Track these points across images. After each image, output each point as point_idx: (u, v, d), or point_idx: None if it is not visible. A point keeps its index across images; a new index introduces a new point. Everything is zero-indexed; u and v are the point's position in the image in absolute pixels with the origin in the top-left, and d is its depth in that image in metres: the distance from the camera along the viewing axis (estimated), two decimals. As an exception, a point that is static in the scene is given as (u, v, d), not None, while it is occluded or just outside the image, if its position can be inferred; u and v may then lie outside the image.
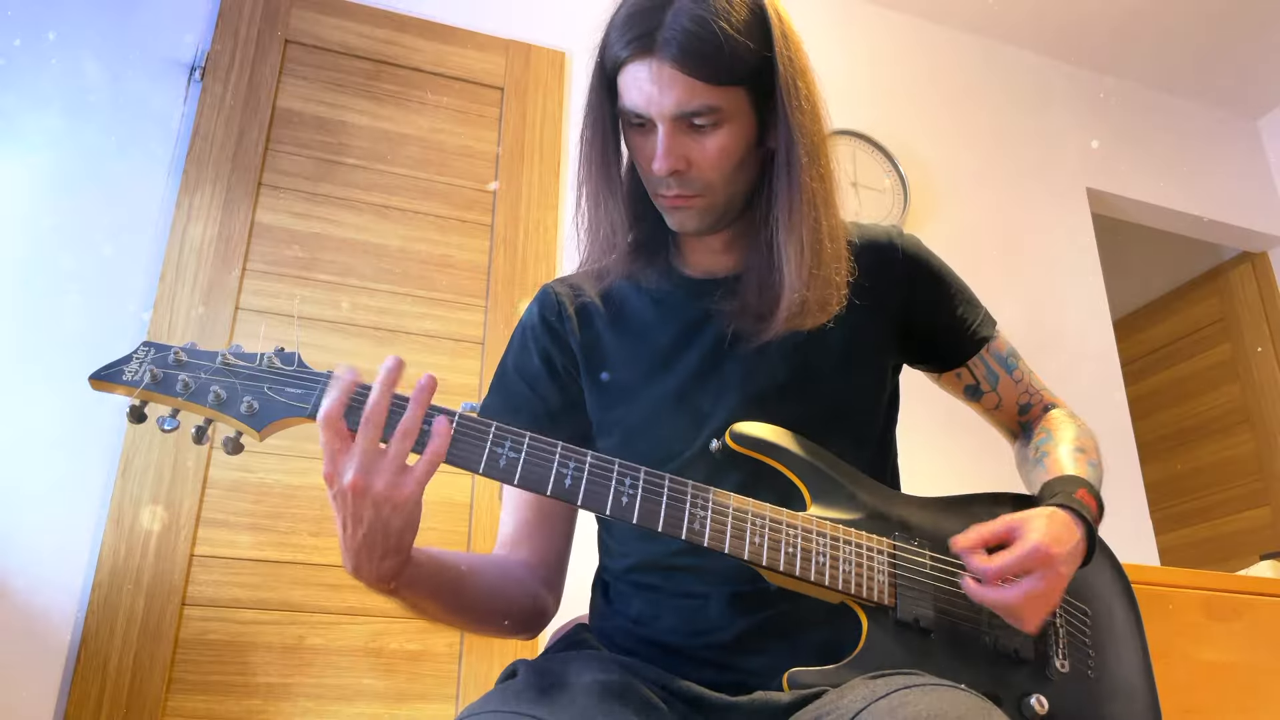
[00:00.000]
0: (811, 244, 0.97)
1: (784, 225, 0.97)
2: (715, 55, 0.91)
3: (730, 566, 0.92)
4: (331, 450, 0.80)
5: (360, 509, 0.80)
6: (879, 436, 1.08)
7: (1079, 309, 3.02)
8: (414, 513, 0.82)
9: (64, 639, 1.80)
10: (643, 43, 0.93)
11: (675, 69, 0.92)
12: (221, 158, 2.21)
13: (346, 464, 0.80)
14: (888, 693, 0.78)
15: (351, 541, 0.82)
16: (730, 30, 0.92)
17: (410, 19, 2.50)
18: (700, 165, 0.96)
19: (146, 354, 0.87)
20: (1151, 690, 1.03)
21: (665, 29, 0.92)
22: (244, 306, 2.12)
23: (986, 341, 1.13)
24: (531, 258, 2.40)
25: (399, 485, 0.80)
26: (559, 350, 1.08)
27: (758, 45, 0.94)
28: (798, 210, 0.96)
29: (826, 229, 0.98)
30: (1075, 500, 0.97)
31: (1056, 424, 1.13)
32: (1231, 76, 3.43)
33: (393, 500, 0.80)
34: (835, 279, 0.99)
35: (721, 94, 0.93)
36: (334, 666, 1.93)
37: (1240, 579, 1.89)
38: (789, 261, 0.97)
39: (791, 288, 0.97)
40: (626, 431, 1.03)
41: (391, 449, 0.81)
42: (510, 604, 1.02)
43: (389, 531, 0.81)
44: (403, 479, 0.80)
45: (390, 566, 0.84)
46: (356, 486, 0.79)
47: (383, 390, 0.81)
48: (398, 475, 0.80)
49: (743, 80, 0.94)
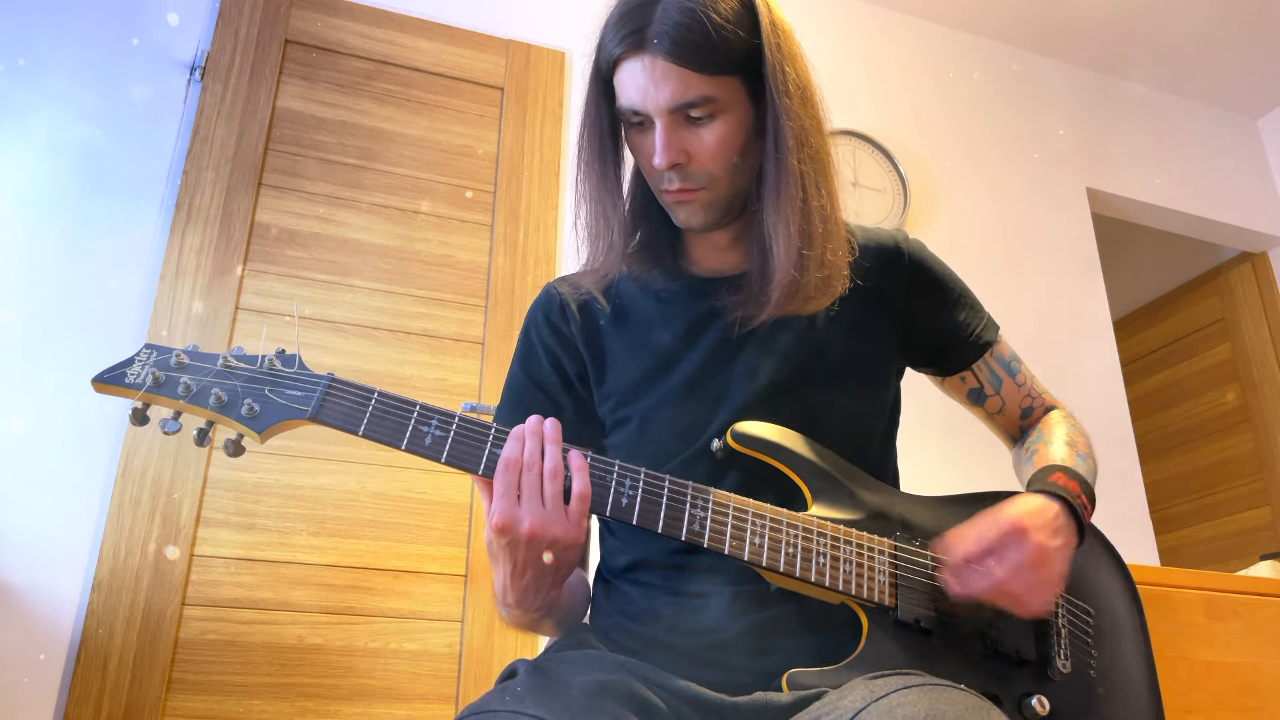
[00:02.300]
0: (800, 224, 0.97)
1: (771, 207, 0.98)
2: (706, 45, 0.92)
3: (731, 566, 0.92)
4: (509, 501, 0.84)
5: (534, 553, 0.85)
6: (881, 438, 1.08)
7: (1079, 309, 3.02)
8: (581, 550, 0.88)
9: (64, 639, 1.80)
10: (635, 39, 0.94)
11: (668, 62, 0.93)
12: (221, 158, 2.21)
13: (522, 512, 0.83)
14: (887, 693, 0.78)
15: (518, 583, 0.88)
16: (719, 19, 0.93)
17: (410, 19, 2.50)
18: (700, 157, 0.97)
19: (149, 356, 0.87)
20: (1155, 690, 1.03)
21: (656, 24, 0.93)
22: (244, 306, 2.12)
23: (990, 346, 1.13)
24: (531, 258, 2.40)
25: (569, 528, 0.84)
26: (564, 351, 1.08)
27: (747, 33, 0.95)
28: (785, 191, 0.97)
29: (817, 209, 0.98)
30: (1048, 484, 0.98)
31: (1051, 424, 1.14)
32: (1231, 76, 3.44)
33: (565, 542, 0.84)
34: (830, 259, 0.99)
35: (715, 84, 0.94)
36: (334, 666, 1.93)
37: (1240, 579, 1.89)
38: (778, 243, 0.97)
39: (782, 269, 0.97)
40: (630, 430, 1.03)
41: (548, 492, 0.84)
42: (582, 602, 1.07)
43: (559, 570, 0.87)
44: (569, 521, 0.84)
45: (554, 598, 0.91)
46: (534, 533, 0.83)
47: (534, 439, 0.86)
48: (565, 518, 0.84)
49: (736, 69, 0.95)
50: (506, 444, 0.86)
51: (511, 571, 0.87)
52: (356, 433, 0.86)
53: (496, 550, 0.87)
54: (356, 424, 0.87)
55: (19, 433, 1.88)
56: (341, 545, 2.02)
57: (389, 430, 0.87)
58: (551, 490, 0.84)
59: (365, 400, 0.88)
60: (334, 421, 0.87)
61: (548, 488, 0.84)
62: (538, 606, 0.92)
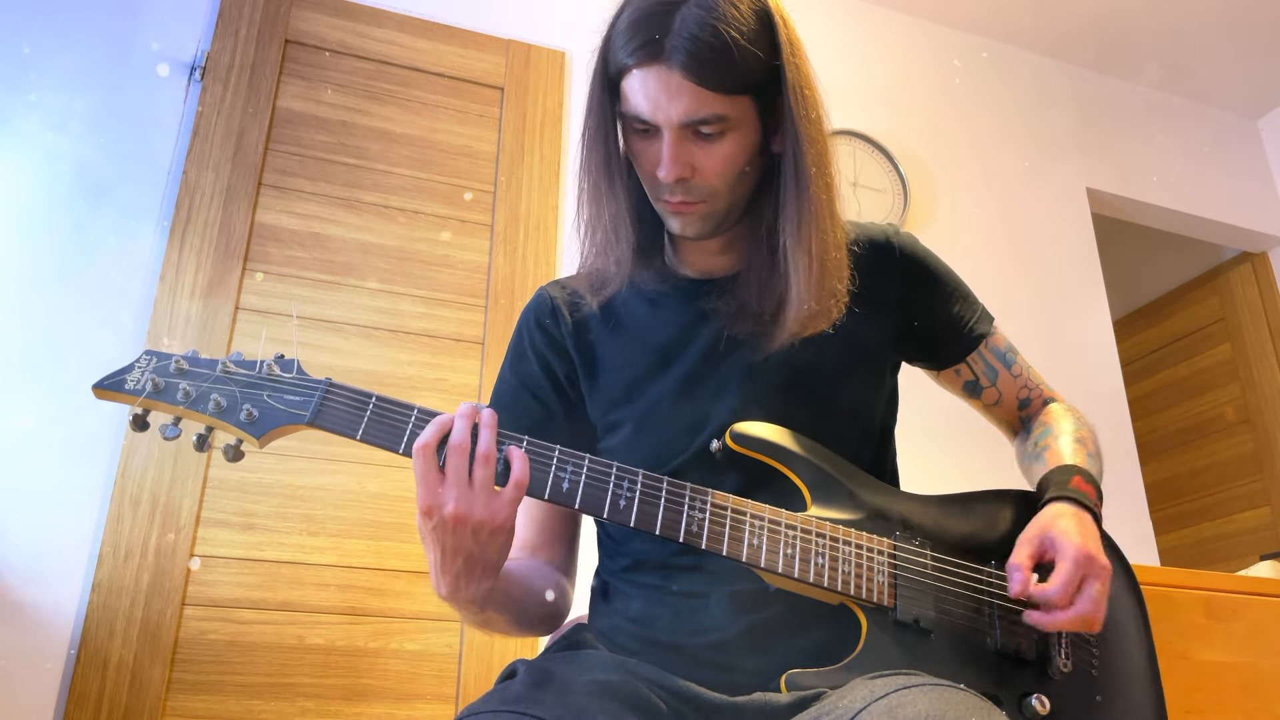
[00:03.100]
0: (820, 256, 0.97)
1: (793, 235, 0.97)
2: (725, 64, 0.91)
3: (730, 566, 0.92)
4: (429, 483, 0.83)
5: (461, 538, 0.83)
6: (879, 435, 1.08)
7: (1079, 309, 3.02)
8: (510, 536, 0.85)
9: (64, 639, 1.80)
10: (650, 49, 0.92)
11: (684, 77, 0.91)
12: (221, 158, 2.21)
13: (445, 495, 0.82)
14: (887, 693, 0.78)
15: (449, 569, 0.85)
16: (738, 37, 0.91)
17: (410, 19, 2.50)
18: (705, 173, 0.96)
19: (148, 362, 0.88)
20: (1157, 690, 1.02)
21: (674, 36, 0.91)
22: (244, 306, 2.12)
23: (984, 337, 1.13)
24: (531, 258, 2.40)
25: (496, 511, 0.83)
26: (556, 355, 1.08)
27: (765, 54, 0.94)
28: (807, 223, 0.96)
29: (833, 241, 0.98)
30: (1071, 489, 0.98)
31: (1055, 417, 1.13)
32: (1231, 76, 3.43)
33: (491, 526, 0.83)
34: (838, 288, 0.99)
35: (730, 103, 0.93)
36: (334, 666, 1.93)
37: (1240, 579, 1.89)
38: (798, 274, 0.97)
39: (801, 299, 0.97)
40: (625, 433, 1.03)
41: (477, 476, 0.83)
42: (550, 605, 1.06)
43: (487, 555, 0.85)
44: (496, 504, 0.83)
45: (487, 588, 0.89)
46: (459, 516, 0.82)
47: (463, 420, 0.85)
48: (492, 501, 0.83)
49: (750, 89, 0.94)
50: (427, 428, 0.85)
51: (439, 560, 0.85)
52: (354, 437, 0.86)
53: (424, 536, 0.86)
54: (354, 428, 0.87)
55: (20, 433, 1.88)
56: (341, 545, 2.02)
57: (387, 433, 0.87)
58: (481, 475, 0.83)
59: (363, 404, 0.88)
60: (332, 426, 0.87)
61: (478, 472, 0.83)
62: (472, 598, 0.89)
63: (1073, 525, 0.93)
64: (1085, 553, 0.91)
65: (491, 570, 0.87)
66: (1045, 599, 0.90)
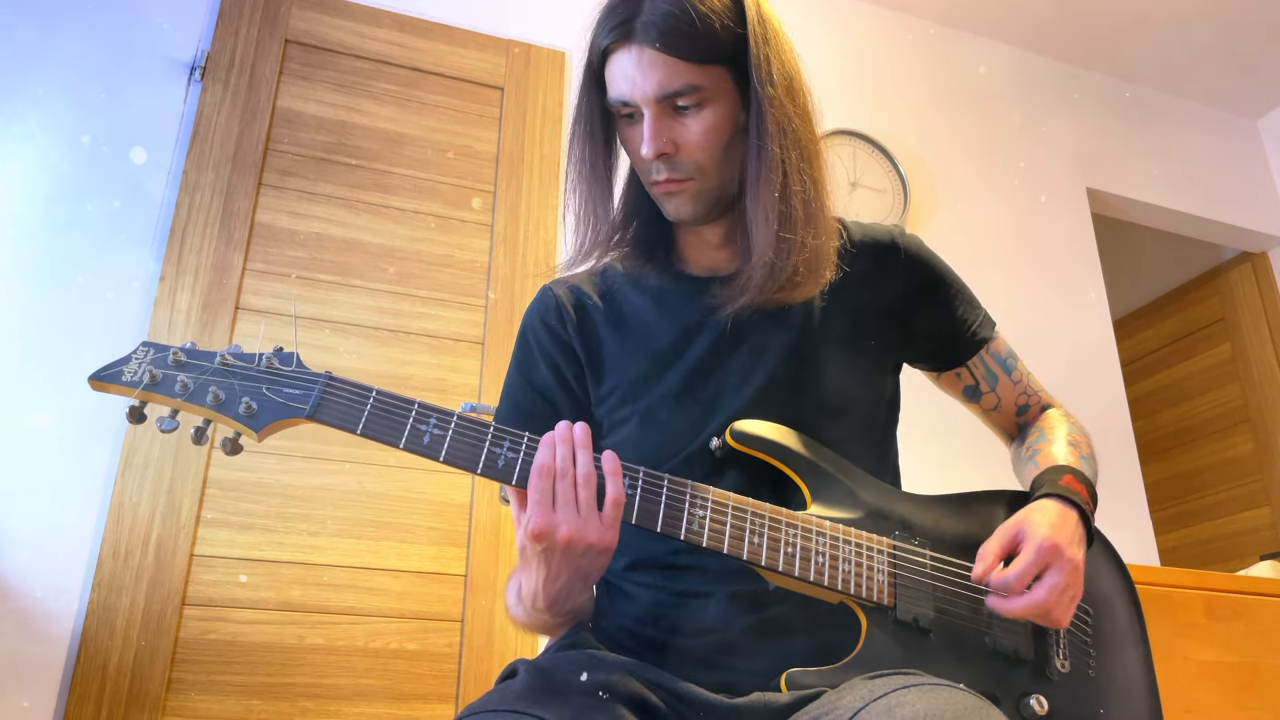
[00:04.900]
0: (779, 208, 0.97)
1: (749, 193, 0.98)
2: (693, 33, 0.93)
3: (730, 566, 0.92)
4: (545, 507, 0.84)
5: (570, 558, 0.85)
6: (880, 435, 1.08)
7: (1079, 309, 3.02)
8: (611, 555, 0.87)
9: (64, 639, 1.80)
10: (623, 30, 0.95)
11: (655, 50, 0.94)
12: (221, 158, 2.21)
13: (559, 519, 0.84)
14: (886, 693, 0.78)
15: (551, 588, 0.88)
16: (706, 10, 0.94)
17: (410, 19, 2.50)
18: (687, 147, 0.97)
19: (146, 354, 0.87)
20: (1153, 690, 1.02)
21: (644, 15, 0.94)
22: (244, 306, 2.12)
23: (986, 342, 1.13)
24: (531, 258, 2.40)
25: (604, 533, 0.85)
26: (561, 353, 1.08)
27: (734, 23, 0.96)
28: (763, 176, 0.97)
29: (798, 194, 0.98)
30: (1060, 487, 0.98)
31: (1050, 423, 1.13)
32: (1231, 76, 3.43)
33: (600, 547, 0.85)
34: (813, 244, 0.99)
35: (702, 73, 0.95)
36: (334, 666, 1.93)
37: (1240, 579, 1.89)
38: (756, 227, 0.98)
39: (759, 252, 0.97)
40: (628, 430, 1.03)
41: (582, 499, 0.85)
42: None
43: (590, 574, 0.88)
44: (604, 526, 0.85)
45: (586, 602, 0.93)
46: (571, 539, 0.84)
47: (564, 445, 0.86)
48: (600, 523, 0.85)
49: (723, 59, 0.96)
50: (539, 451, 0.86)
51: (545, 578, 0.88)
52: (354, 431, 0.86)
53: (530, 556, 0.87)
54: (354, 422, 0.86)
55: (21, 433, 1.89)
56: (341, 545, 2.02)
57: (387, 428, 0.86)
58: (585, 496, 0.84)
59: (363, 398, 0.87)
60: (332, 420, 0.86)
61: (581, 494, 0.84)
62: (568, 611, 0.93)
63: (1047, 519, 0.94)
64: (1050, 543, 0.91)
65: (590, 585, 0.91)
66: (1002, 584, 0.91)
